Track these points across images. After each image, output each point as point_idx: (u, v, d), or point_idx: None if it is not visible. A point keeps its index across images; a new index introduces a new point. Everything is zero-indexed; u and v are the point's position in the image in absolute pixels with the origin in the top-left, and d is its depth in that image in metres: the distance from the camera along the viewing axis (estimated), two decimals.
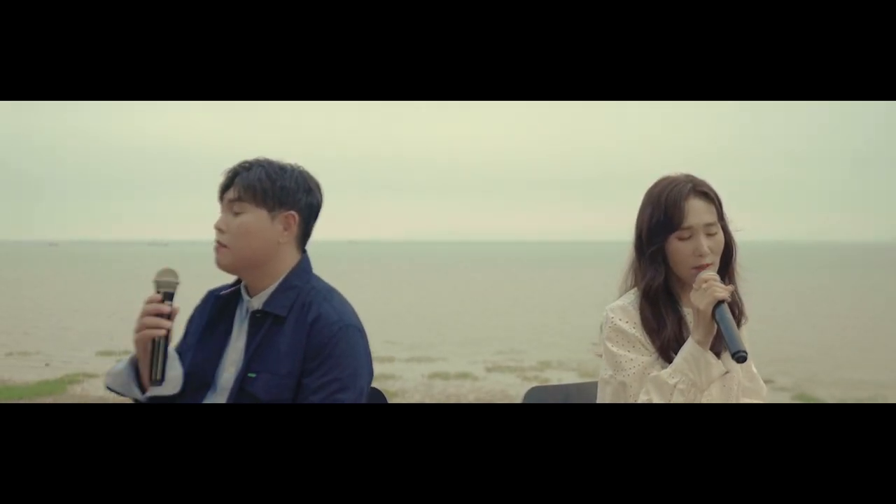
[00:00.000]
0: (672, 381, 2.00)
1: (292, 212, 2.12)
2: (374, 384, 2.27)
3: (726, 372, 2.07)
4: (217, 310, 2.18)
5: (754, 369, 2.26)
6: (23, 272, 44.55)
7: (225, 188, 2.13)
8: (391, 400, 2.51)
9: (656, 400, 2.01)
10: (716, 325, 2.00)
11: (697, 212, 2.08)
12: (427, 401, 8.64)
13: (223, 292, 2.20)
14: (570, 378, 10.10)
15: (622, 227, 2.22)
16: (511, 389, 9.31)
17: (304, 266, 2.18)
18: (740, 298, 2.19)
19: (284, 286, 2.12)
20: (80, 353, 12.44)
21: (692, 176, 2.14)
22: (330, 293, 2.16)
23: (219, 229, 2.11)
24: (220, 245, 2.10)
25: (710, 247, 2.07)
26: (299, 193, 2.13)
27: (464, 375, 10.37)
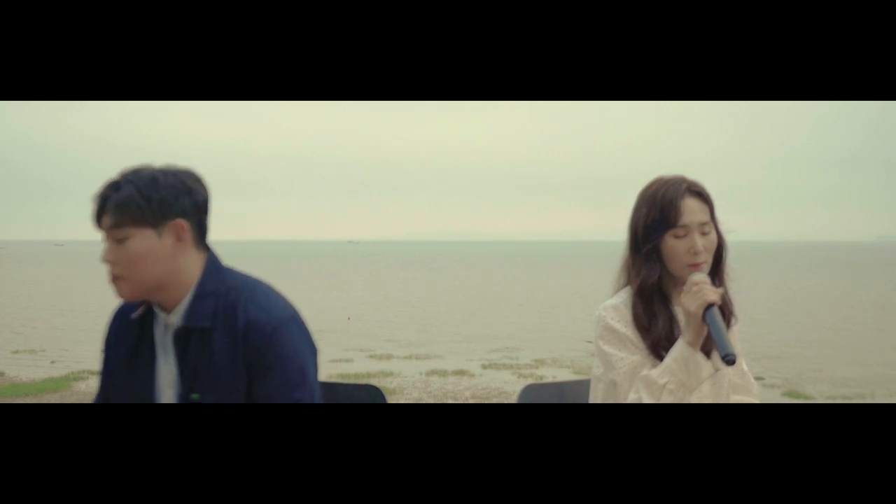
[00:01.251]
0: (662, 381, 2.01)
1: (178, 220, 1.90)
2: (373, 380, 2.26)
3: (716, 371, 2.07)
4: (134, 333, 1.99)
5: (745, 367, 2.27)
6: (29, 272, 44.54)
7: (99, 216, 1.90)
8: (389, 396, 2.50)
9: (646, 399, 2.02)
10: (706, 327, 2.01)
11: (692, 211, 2.09)
12: (424, 397, 8.64)
13: (134, 315, 1.99)
14: (564, 375, 10.12)
15: (617, 227, 2.22)
16: (507, 386, 9.32)
17: (213, 266, 1.97)
18: (730, 298, 2.20)
19: (200, 295, 1.92)
20: (85, 351, 12.43)
21: (686, 177, 2.15)
22: (251, 289, 1.96)
23: (107, 261, 1.90)
24: (114, 277, 1.91)
25: (703, 246, 2.08)
26: (180, 198, 1.90)
27: (461, 373, 10.37)
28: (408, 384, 9.47)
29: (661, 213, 2.09)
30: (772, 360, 11.55)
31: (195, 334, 1.90)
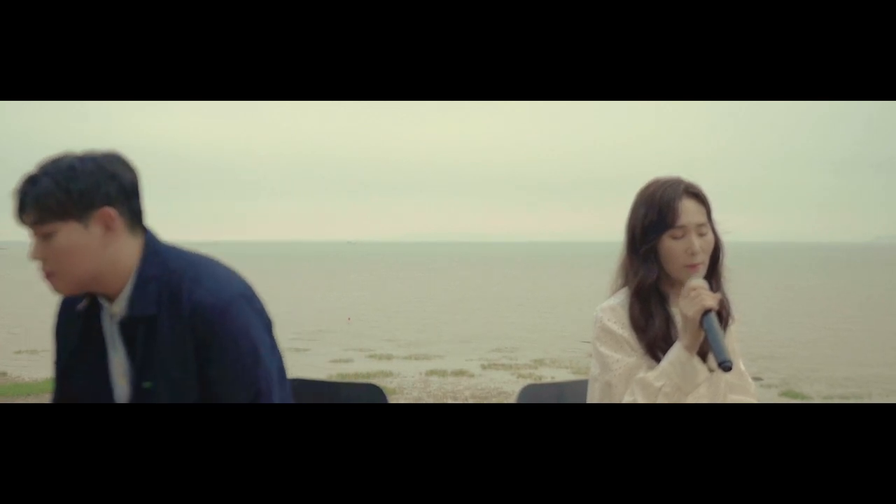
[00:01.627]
0: (658, 385, 2.01)
1: (104, 209, 1.81)
2: (373, 380, 2.26)
3: (712, 371, 2.07)
4: (82, 325, 1.92)
5: (742, 367, 2.27)
6: (29, 273, 44.43)
7: (20, 213, 1.82)
8: (389, 396, 2.50)
9: (641, 401, 2.02)
10: (703, 332, 2.01)
11: (690, 212, 2.10)
12: (424, 397, 8.63)
13: (80, 306, 1.92)
14: (563, 375, 10.11)
15: (616, 227, 2.23)
16: (506, 386, 9.31)
17: (151, 250, 1.88)
18: (727, 298, 2.20)
19: (141, 282, 1.84)
20: None
21: (682, 178, 2.16)
22: (195, 270, 1.88)
23: (36, 259, 1.83)
24: (48, 274, 1.83)
25: (700, 246, 2.09)
26: (102, 185, 1.80)
27: (460, 373, 10.36)
28: (407, 384, 9.47)
29: (658, 214, 2.09)
30: (769, 359, 11.54)
31: (141, 322, 1.83)
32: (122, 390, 1.88)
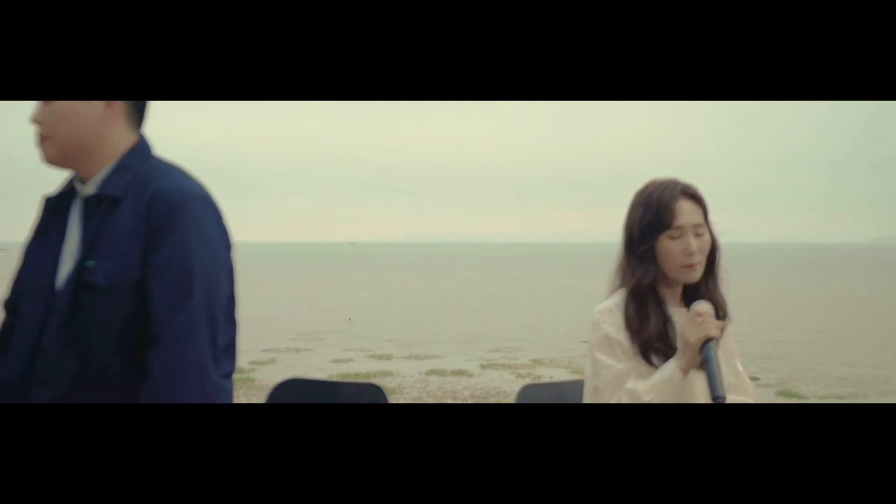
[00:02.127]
0: (647, 398, 2.01)
1: None
2: (373, 380, 2.25)
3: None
4: (50, 211, 1.95)
5: (740, 367, 2.27)
6: None
7: None
8: (389, 395, 2.50)
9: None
10: (701, 359, 1.99)
11: (687, 212, 2.10)
12: (424, 396, 8.63)
13: (51, 192, 1.96)
14: (561, 375, 10.11)
15: (614, 228, 2.23)
16: (505, 386, 9.31)
17: (141, 147, 1.93)
18: (723, 298, 2.21)
19: (119, 167, 1.88)
20: None
21: (679, 179, 2.17)
22: (170, 169, 1.91)
23: (36, 122, 1.88)
24: (42, 138, 1.88)
25: (697, 247, 2.09)
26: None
27: (460, 372, 10.36)
28: (407, 384, 9.46)
29: (656, 214, 2.10)
30: (766, 359, 11.54)
31: (105, 203, 1.85)
32: (66, 268, 1.85)
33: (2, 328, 1.96)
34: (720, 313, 2.15)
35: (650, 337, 2.08)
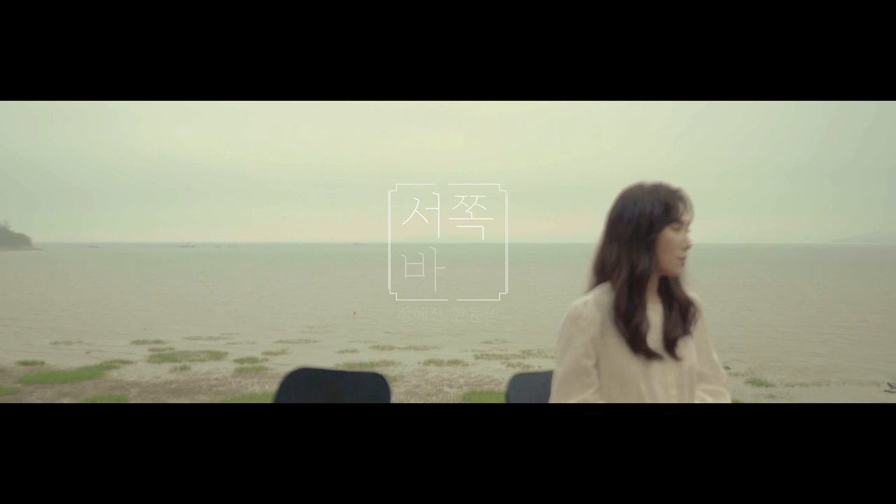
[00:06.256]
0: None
1: None
2: (376, 369, 2.25)
3: (680, 360, 2.07)
4: None
5: (715, 357, 2.26)
6: (67, 270, 44.32)
7: None
8: (391, 383, 2.50)
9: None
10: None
11: (687, 210, 2.13)
12: (422, 383, 8.63)
13: None
14: (549, 365, 10.12)
15: (588, 231, 2.22)
16: (497, 374, 9.32)
17: None
18: (696, 296, 2.20)
19: None
20: (117, 342, 12.39)
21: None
22: None
23: None
24: None
25: (689, 243, 2.13)
26: None
27: (455, 362, 10.37)
28: (407, 372, 9.46)
29: (664, 207, 2.10)
30: (737, 351, 11.57)
31: None
32: None
33: None
34: (692, 310, 2.14)
35: (640, 323, 2.07)
